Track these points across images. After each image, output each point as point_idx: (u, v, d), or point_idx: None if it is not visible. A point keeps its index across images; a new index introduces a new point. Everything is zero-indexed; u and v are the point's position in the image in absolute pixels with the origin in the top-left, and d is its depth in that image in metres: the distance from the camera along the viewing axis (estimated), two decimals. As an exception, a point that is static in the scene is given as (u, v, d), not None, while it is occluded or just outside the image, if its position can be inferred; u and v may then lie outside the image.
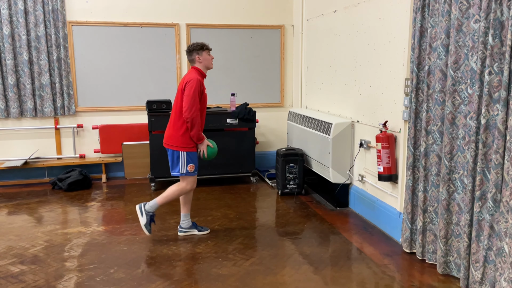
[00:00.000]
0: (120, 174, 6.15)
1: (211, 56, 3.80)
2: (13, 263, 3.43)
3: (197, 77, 3.64)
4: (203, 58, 3.74)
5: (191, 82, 3.60)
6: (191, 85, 3.59)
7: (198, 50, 3.72)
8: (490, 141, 2.74)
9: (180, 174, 3.75)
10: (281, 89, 6.51)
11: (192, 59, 3.77)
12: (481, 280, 2.82)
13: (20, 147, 5.82)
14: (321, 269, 3.31)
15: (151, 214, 3.82)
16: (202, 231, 4.00)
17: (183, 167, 3.72)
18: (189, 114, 3.58)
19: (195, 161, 3.78)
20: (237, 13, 6.22)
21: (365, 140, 4.35)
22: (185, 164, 3.72)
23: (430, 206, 3.33)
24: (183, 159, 3.71)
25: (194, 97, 3.58)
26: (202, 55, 3.73)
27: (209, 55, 3.77)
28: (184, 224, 3.97)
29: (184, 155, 3.71)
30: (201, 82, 3.66)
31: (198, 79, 3.64)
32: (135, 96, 6.04)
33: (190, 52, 3.76)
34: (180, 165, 3.72)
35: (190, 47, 3.77)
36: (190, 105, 3.58)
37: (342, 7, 4.82)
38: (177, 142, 3.71)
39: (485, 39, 2.69)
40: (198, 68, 3.76)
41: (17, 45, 5.56)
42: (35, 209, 4.78)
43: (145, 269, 3.33)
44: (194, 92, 3.58)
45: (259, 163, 6.39)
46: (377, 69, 4.13)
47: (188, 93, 3.58)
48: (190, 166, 3.74)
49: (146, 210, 3.79)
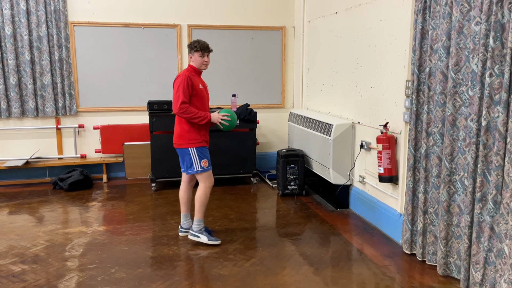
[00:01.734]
0: (121, 174, 6.16)
1: (204, 59, 3.75)
2: (14, 263, 3.44)
3: (184, 73, 3.68)
4: (194, 59, 3.77)
5: (178, 79, 3.67)
6: (178, 82, 3.65)
7: (191, 49, 3.77)
8: (491, 143, 2.75)
9: (196, 171, 3.72)
10: (282, 90, 6.52)
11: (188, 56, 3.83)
12: (481, 281, 2.82)
13: (22, 147, 5.83)
14: (321, 270, 3.31)
15: (204, 228, 3.85)
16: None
17: (197, 164, 3.70)
18: (175, 109, 3.63)
19: (207, 155, 3.76)
20: (239, 14, 6.23)
21: (365, 142, 4.36)
22: (198, 160, 3.70)
23: (430, 208, 3.34)
24: (194, 155, 3.70)
25: (178, 93, 3.62)
26: (194, 55, 3.76)
27: (201, 57, 3.74)
28: (184, 224, 3.98)
29: (194, 151, 3.70)
30: (188, 77, 3.65)
31: (185, 75, 3.66)
32: (137, 96, 6.05)
33: (188, 48, 3.82)
34: (194, 163, 3.70)
35: (188, 44, 3.83)
36: (175, 101, 3.63)
37: (344, 8, 4.83)
38: (184, 139, 3.71)
39: (486, 41, 2.70)
40: (191, 65, 3.81)
41: (19, 45, 5.58)
42: (36, 208, 4.79)
43: (146, 269, 3.34)
44: (178, 88, 3.62)
45: (260, 164, 6.40)
46: (378, 70, 4.13)
47: (174, 90, 3.66)
48: (204, 161, 3.72)
49: (196, 231, 3.82)
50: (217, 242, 3.79)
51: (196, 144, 3.71)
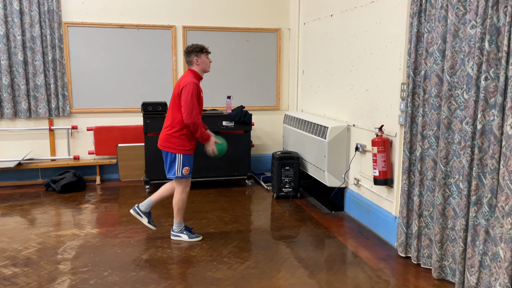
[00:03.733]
0: (115, 176, 6.11)
1: (209, 59, 3.78)
2: (5, 266, 3.40)
3: (193, 81, 3.62)
4: (201, 61, 3.73)
5: (187, 87, 3.59)
6: (188, 90, 3.58)
7: (197, 52, 3.71)
8: (486, 146, 2.75)
9: (176, 176, 3.75)
10: (277, 92, 6.51)
11: (189, 61, 3.75)
12: (476, 285, 2.82)
13: (14, 148, 5.77)
14: (316, 273, 3.30)
15: (184, 227, 3.94)
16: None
17: (179, 170, 3.73)
18: (190, 119, 3.58)
19: (191, 164, 3.79)
20: (234, 16, 6.22)
21: (361, 144, 4.35)
22: (181, 166, 3.73)
23: (425, 211, 3.34)
24: (179, 161, 3.72)
25: (192, 101, 3.58)
26: (201, 57, 3.72)
27: (207, 58, 3.76)
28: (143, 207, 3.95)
29: (181, 158, 3.72)
30: (197, 85, 3.65)
31: (194, 82, 3.62)
32: (131, 97, 6.02)
33: (188, 53, 3.74)
34: (176, 168, 3.73)
35: (189, 48, 3.74)
36: (189, 110, 3.57)
37: (339, 11, 4.83)
38: (174, 144, 3.70)
39: (482, 45, 2.70)
40: (194, 70, 3.75)
41: (12, 45, 5.53)
42: (28, 210, 4.73)
43: (139, 272, 3.30)
44: (192, 96, 3.58)
45: (255, 166, 6.38)
46: (373, 73, 4.13)
47: (185, 99, 3.58)
48: (186, 169, 3.74)
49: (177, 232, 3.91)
50: (198, 239, 3.90)
51: (184, 152, 3.73)
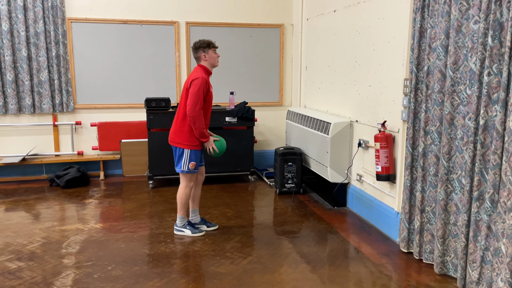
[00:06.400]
0: (118, 172, 6.14)
1: (217, 54, 3.80)
2: (10, 260, 3.43)
3: (203, 76, 3.65)
4: (209, 56, 3.74)
5: (196, 81, 3.62)
6: (197, 83, 3.61)
7: (205, 47, 3.73)
8: (488, 142, 2.75)
9: (181, 171, 3.81)
10: (280, 88, 6.51)
11: (197, 57, 3.77)
12: (478, 280, 2.83)
13: (18, 143, 5.81)
14: (318, 268, 3.31)
15: (187, 222, 3.96)
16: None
17: (185, 165, 3.78)
18: (191, 112, 3.61)
19: (198, 159, 3.83)
20: (237, 12, 6.21)
21: (363, 140, 4.35)
22: (188, 161, 3.77)
23: (427, 206, 3.34)
24: (186, 156, 3.77)
25: (198, 95, 3.60)
26: (208, 53, 3.74)
27: (215, 53, 3.77)
28: (193, 220, 4.06)
29: (188, 153, 3.77)
30: (207, 81, 3.68)
31: (204, 77, 3.66)
32: (134, 93, 6.03)
33: (196, 49, 3.76)
34: (183, 162, 3.78)
35: (196, 44, 3.76)
36: (193, 103, 3.60)
37: (342, 6, 4.82)
38: (183, 140, 3.76)
39: (485, 40, 2.70)
40: (203, 66, 3.77)
41: (16, 41, 5.55)
42: (33, 205, 4.77)
43: (143, 266, 3.33)
44: (199, 90, 3.60)
45: (258, 162, 6.39)
46: (376, 69, 4.13)
47: (192, 91, 3.61)
48: (192, 164, 3.79)
49: (180, 227, 3.94)
50: (200, 234, 3.92)
51: (193, 147, 3.78)
